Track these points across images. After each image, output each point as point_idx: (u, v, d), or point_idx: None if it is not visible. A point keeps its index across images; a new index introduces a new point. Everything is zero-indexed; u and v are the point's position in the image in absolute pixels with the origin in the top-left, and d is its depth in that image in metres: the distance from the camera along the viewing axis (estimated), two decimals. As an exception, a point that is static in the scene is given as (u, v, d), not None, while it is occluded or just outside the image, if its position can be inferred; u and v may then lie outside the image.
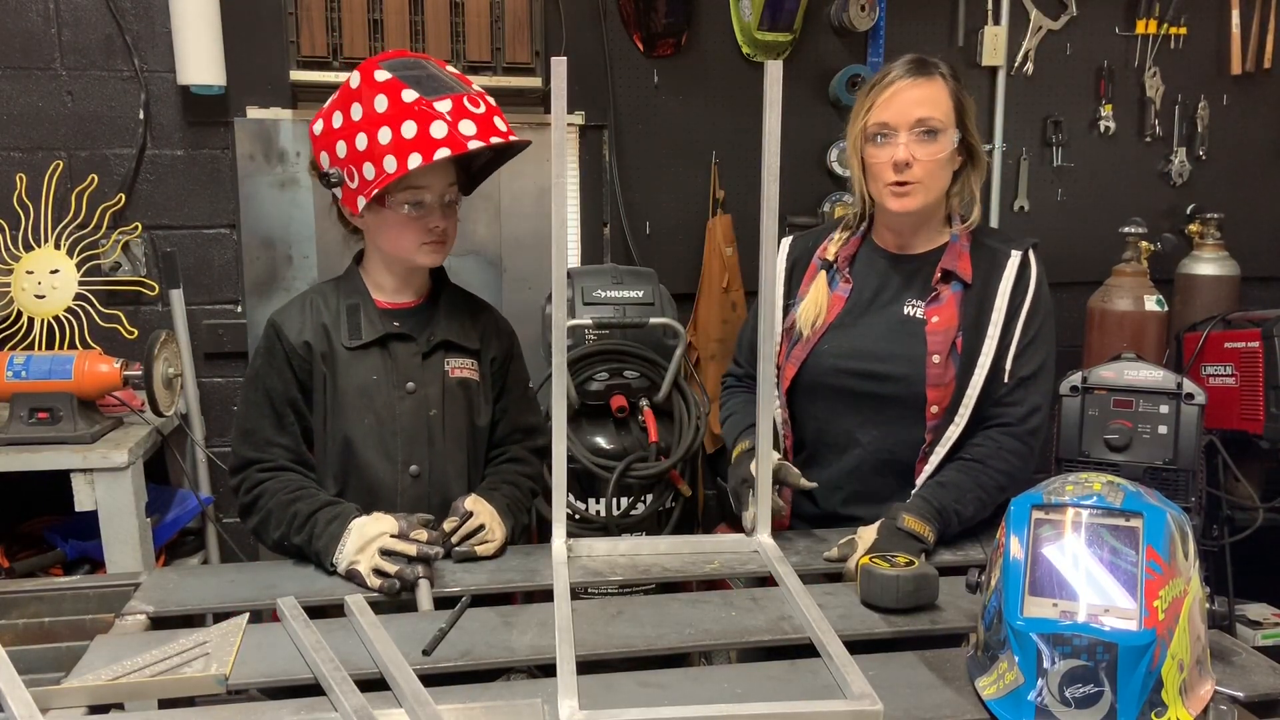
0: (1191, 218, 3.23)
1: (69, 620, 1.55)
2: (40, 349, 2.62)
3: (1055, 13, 3.18)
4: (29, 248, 2.68)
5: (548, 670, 1.25)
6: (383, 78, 1.59)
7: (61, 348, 2.65)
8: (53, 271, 2.67)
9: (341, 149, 1.60)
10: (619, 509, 2.44)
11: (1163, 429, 2.01)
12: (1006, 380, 1.70)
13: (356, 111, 1.58)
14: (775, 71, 1.52)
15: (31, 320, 2.66)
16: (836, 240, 1.84)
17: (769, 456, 1.63)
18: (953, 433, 1.71)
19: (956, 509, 1.66)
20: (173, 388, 2.49)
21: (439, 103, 1.56)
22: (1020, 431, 1.71)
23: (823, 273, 1.82)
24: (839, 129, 3.07)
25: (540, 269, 2.95)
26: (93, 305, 2.70)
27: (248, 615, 1.40)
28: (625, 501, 2.45)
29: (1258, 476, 2.64)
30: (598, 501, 2.45)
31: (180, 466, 2.72)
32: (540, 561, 1.63)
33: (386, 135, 1.55)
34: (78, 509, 2.28)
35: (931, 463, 1.73)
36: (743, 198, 3.08)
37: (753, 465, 1.66)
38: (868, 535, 1.62)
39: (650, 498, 2.49)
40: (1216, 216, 3.06)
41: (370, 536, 1.52)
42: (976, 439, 1.72)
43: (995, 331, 1.70)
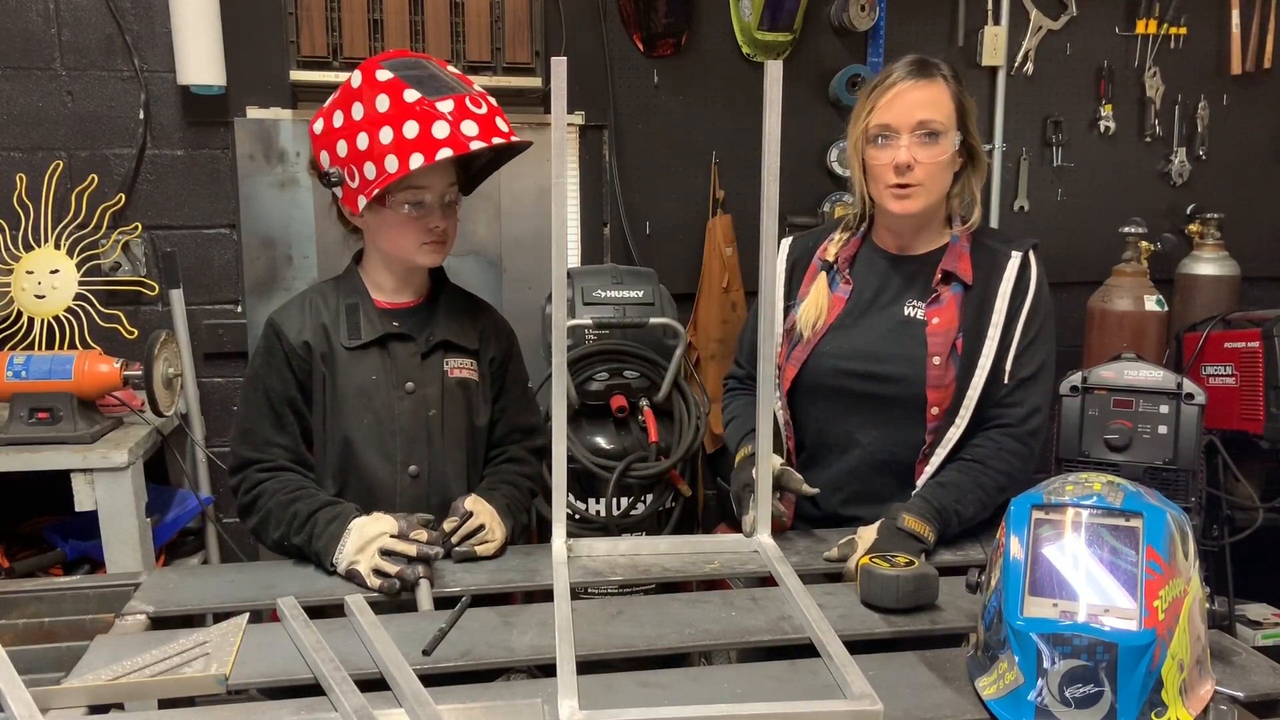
0: (1191, 218, 3.23)
1: (69, 620, 1.54)
2: (40, 349, 2.62)
3: (1055, 13, 3.18)
4: (29, 248, 2.68)
5: (548, 670, 1.25)
6: (384, 77, 1.59)
7: (61, 348, 2.65)
8: (53, 271, 2.67)
9: (342, 148, 1.60)
10: (619, 509, 2.43)
11: (1163, 429, 2.01)
12: (1007, 381, 1.70)
13: (358, 111, 1.58)
14: (775, 71, 1.52)
15: (31, 320, 2.66)
16: (837, 241, 1.84)
17: (768, 456, 1.63)
18: (953, 434, 1.71)
19: (957, 509, 1.67)
20: (173, 388, 2.49)
21: (441, 103, 1.56)
22: (1020, 432, 1.71)
23: (823, 274, 1.82)
24: (839, 129, 3.07)
25: (540, 269, 2.95)
26: (93, 305, 2.70)
27: (248, 615, 1.40)
28: (625, 501, 2.45)
29: (1258, 476, 2.63)
30: (598, 501, 2.45)
31: (180, 466, 2.71)
32: (540, 561, 1.63)
33: (388, 135, 1.54)
34: (78, 509, 2.28)
35: (932, 464, 1.73)
36: (743, 198, 3.08)
37: (754, 467, 1.66)
38: (868, 535, 1.62)
39: (650, 498, 2.49)
40: (1216, 216, 3.06)
41: (370, 536, 1.52)
42: (977, 440, 1.72)
43: (995, 332, 1.70)
